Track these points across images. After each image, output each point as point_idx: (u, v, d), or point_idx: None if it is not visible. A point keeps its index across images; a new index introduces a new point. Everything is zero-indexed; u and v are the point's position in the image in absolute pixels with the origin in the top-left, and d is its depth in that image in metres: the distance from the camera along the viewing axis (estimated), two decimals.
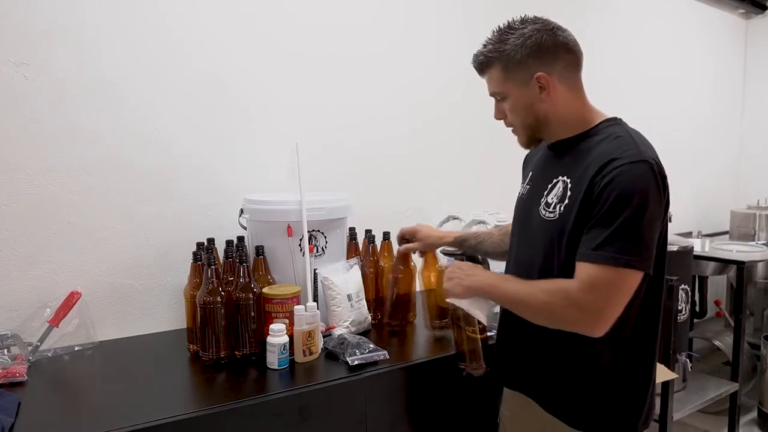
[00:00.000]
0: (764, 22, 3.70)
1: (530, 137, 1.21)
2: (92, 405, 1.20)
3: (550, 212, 1.14)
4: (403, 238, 1.60)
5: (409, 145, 2.17)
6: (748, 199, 3.46)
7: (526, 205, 1.25)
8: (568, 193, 1.11)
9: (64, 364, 1.40)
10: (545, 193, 1.18)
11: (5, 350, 1.34)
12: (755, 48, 3.74)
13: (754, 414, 2.92)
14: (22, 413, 1.11)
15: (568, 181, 1.12)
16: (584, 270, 1.03)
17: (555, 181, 1.16)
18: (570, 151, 1.17)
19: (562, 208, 1.12)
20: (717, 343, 2.92)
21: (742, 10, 3.62)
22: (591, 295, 1.02)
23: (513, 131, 1.23)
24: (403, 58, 2.12)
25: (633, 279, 1.03)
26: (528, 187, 1.28)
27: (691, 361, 2.54)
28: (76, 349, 1.47)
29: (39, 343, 1.40)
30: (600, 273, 1.01)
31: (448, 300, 1.27)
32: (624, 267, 1.01)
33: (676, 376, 1.22)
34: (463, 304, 1.25)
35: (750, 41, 3.76)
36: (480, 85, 1.23)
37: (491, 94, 1.21)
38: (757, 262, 2.85)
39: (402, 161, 2.15)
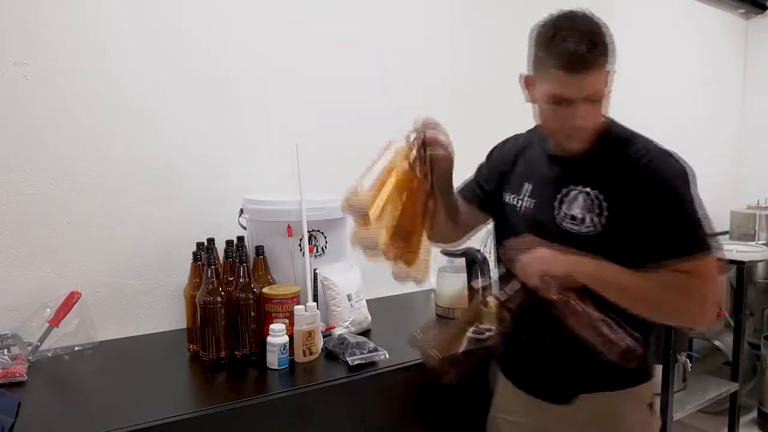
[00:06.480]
0: (764, 22, 3.69)
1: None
2: (92, 405, 1.20)
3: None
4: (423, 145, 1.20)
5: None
6: (748, 199, 3.44)
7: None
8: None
9: (64, 364, 1.40)
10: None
11: (5, 350, 1.34)
12: (755, 48, 3.73)
13: (754, 414, 2.92)
14: (22, 413, 1.11)
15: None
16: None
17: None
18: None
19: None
20: (717, 343, 2.92)
21: (742, 10, 3.61)
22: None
23: (572, 135, 1.08)
24: (405, 58, 2.12)
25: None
26: None
27: (691, 361, 2.54)
28: (76, 349, 1.47)
29: (39, 343, 1.40)
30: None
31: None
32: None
33: None
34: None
35: (750, 41, 3.75)
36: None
37: (587, 97, 1.01)
38: (757, 262, 2.85)
39: None
